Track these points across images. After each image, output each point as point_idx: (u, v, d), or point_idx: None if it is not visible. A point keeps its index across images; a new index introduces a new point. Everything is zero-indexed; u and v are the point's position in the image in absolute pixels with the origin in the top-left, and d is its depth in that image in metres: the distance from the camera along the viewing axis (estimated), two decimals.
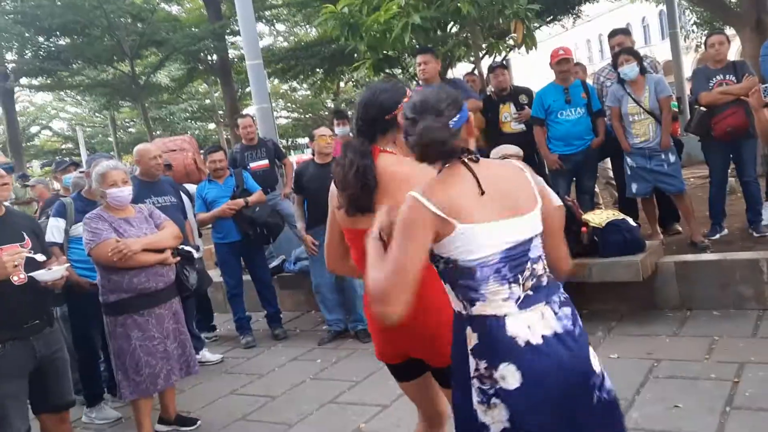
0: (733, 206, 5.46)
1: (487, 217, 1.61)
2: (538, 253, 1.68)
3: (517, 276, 1.64)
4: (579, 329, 1.68)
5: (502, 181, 1.68)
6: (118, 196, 3.63)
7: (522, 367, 1.59)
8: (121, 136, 28.10)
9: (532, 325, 1.62)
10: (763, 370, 3.41)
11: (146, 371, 3.62)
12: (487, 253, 1.61)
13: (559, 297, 1.70)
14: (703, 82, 5.15)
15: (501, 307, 1.63)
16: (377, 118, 2.05)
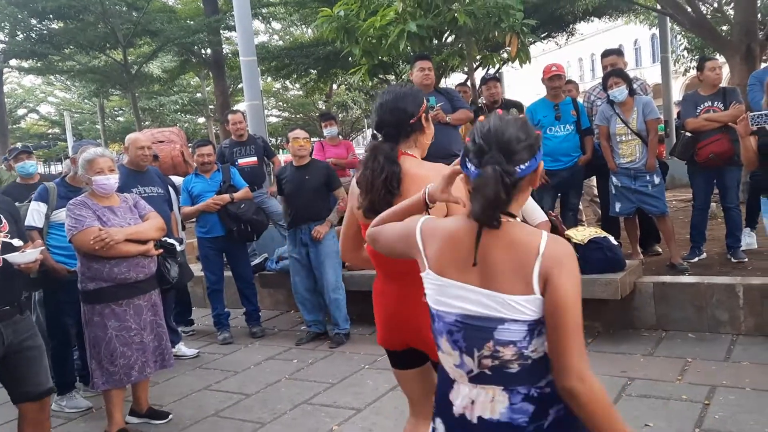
0: (713, 231, 5.54)
1: (461, 278, 1.51)
2: (510, 338, 1.46)
3: (471, 349, 1.50)
4: (537, 428, 1.48)
5: (498, 252, 1.49)
6: (104, 183, 3.60)
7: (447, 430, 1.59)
8: (109, 124, 27.88)
9: (477, 402, 1.52)
10: (733, 393, 3.46)
11: (121, 362, 3.59)
12: (444, 308, 1.55)
13: (530, 390, 1.49)
14: (691, 108, 5.23)
15: (452, 370, 1.58)
16: (401, 122, 2.11)
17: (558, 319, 1.43)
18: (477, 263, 1.48)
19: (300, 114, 27.98)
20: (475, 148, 1.50)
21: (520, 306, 1.45)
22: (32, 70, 18.18)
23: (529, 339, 1.46)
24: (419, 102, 2.14)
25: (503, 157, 1.46)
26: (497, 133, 1.48)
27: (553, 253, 1.45)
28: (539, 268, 1.44)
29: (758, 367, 3.78)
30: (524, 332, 1.46)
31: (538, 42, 13.66)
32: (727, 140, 4.97)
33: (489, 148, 1.47)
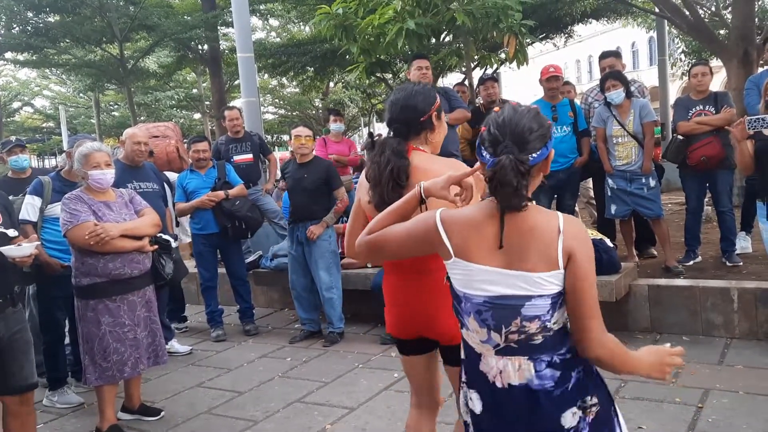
0: (708, 234, 5.55)
1: (487, 262, 1.62)
2: (536, 312, 1.59)
3: (500, 326, 1.62)
4: (562, 391, 1.62)
5: (522, 234, 1.60)
6: (100, 178, 3.58)
7: (483, 400, 1.71)
8: (105, 118, 27.74)
9: (504, 371, 1.65)
10: (727, 397, 3.47)
11: (114, 358, 3.57)
12: (472, 291, 1.65)
13: (553, 357, 1.63)
14: (683, 112, 5.25)
15: (478, 346, 1.70)
16: (412, 119, 2.19)
17: (580, 294, 1.58)
18: (503, 246, 1.59)
19: (296, 111, 27.92)
20: (490, 138, 1.61)
21: (545, 282, 1.58)
22: (27, 63, 18.06)
23: (552, 312, 1.59)
24: (431, 100, 2.21)
25: (516, 147, 1.57)
26: (511, 123, 1.59)
27: (572, 231, 1.59)
28: (562, 245, 1.57)
29: (752, 371, 3.79)
30: (548, 306, 1.59)
31: (536, 43, 13.67)
32: (719, 143, 4.99)
33: (503, 138, 1.58)
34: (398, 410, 3.71)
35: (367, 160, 2.21)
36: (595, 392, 1.68)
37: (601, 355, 1.60)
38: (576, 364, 1.65)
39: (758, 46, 7.86)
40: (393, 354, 4.76)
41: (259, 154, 6.87)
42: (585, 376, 1.66)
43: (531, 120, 1.61)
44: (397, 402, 3.84)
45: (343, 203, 5.21)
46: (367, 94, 20.82)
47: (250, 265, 6.12)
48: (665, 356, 1.67)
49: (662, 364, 1.67)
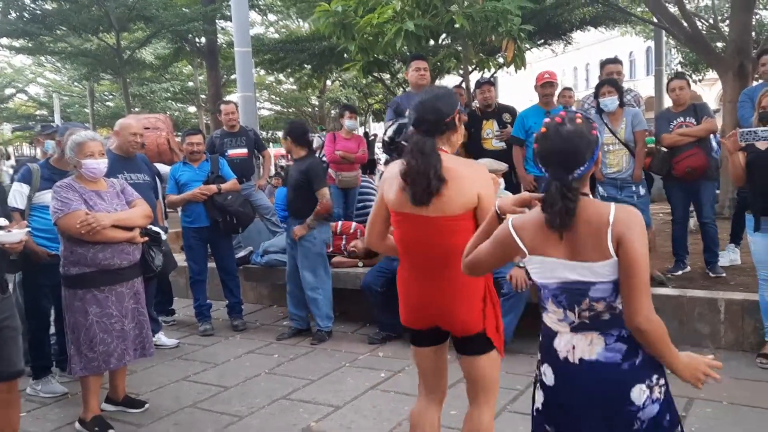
0: (698, 245, 5.58)
1: (555, 254, 1.83)
2: (602, 295, 1.79)
3: (573, 305, 1.84)
4: (630, 365, 1.78)
5: (580, 229, 1.79)
6: (94, 168, 3.56)
7: (556, 374, 1.90)
8: (99, 108, 27.57)
9: (577, 347, 1.84)
10: (710, 406, 3.49)
11: (100, 348, 3.55)
12: (548, 280, 1.88)
13: (621, 332, 1.80)
14: (664, 125, 5.30)
15: (555, 324, 1.91)
16: (437, 120, 2.32)
17: (630, 273, 1.73)
18: (563, 238, 1.80)
19: (292, 108, 27.86)
20: (541, 155, 1.85)
21: (603, 270, 1.77)
22: (23, 49, 17.91)
23: (615, 294, 1.79)
24: (455, 103, 2.36)
25: (563, 169, 1.79)
26: (557, 147, 1.80)
27: (622, 219, 1.75)
28: (611, 234, 1.74)
29: (736, 382, 3.81)
30: (610, 289, 1.79)
31: (534, 49, 13.70)
32: (703, 154, 5.05)
33: (551, 161, 1.81)
34: (384, 410, 3.71)
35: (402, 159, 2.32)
36: (662, 375, 1.82)
37: (648, 328, 1.73)
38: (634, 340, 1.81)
39: (754, 59, 7.91)
40: (380, 354, 4.76)
41: (254, 149, 6.85)
42: (650, 357, 1.79)
43: (575, 140, 1.79)
44: (384, 401, 3.84)
45: (323, 206, 5.01)
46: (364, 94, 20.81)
47: (241, 260, 6.11)
48: (703, 365, 1.80)
49: (698, 370, 1.79)
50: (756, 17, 11.37)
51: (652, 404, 1.79)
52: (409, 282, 2.45)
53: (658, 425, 1.82)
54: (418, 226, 2.35)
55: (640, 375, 1.79)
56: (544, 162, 1.84)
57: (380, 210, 2.49)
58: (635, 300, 1.73)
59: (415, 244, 2.38)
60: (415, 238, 2.38)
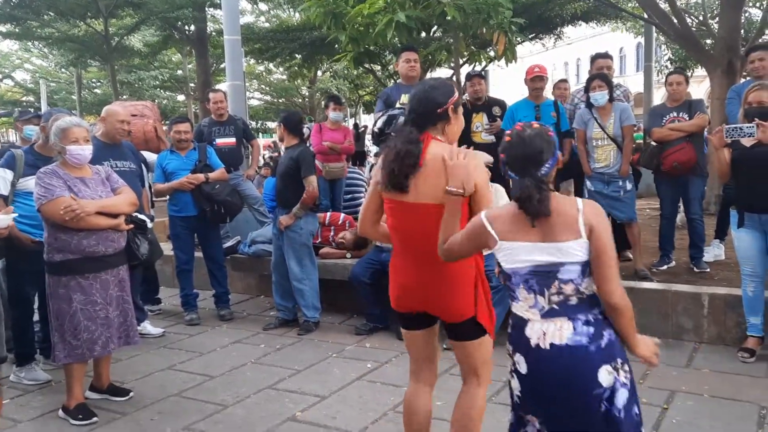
0: (683, 240, 5.62)
1: (528, 239, 2.00)
2: (569, 277, 1.97)
3: (543, 290, 2.00)
4: (596, 347, 1.94)
5: (552, 217, 1.98)
6: (79, 154, 3.53)
7: (528, 361, 2.02)
8: (86, 95, 27.31)
9: (547, 333, 1.98)
10: (691, 399, 3.54)
11: (84, 336, 3.53)
12: (520, 264, 2.02)
13: (587, 317, 1.98)
14: (657, 119, 5.33)
15: (526, 312, 2.04)
16: (430, 111, 2.37)
17: (602, 256, 1.94)
18: (535, 225, 1.98)
19: (282, 98, 27.73)
20: (510, 163, 2.04)
21: (573, 250, 1.96)
22: (9, 34, 17.69)
23: (582, 277, 1.98)
24: (449, 94, 2.39)
25: (532, 167, 1.99)
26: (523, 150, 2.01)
27: (590, 210, 1.98)
28: (583, 219, 1.96)
29: (717, 375, 3.86)
30: (578, 271, 1.97)
31: (526, 42, 13.73)
32: (691, 149, 5.07)
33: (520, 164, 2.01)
34: (370, 400, 3.72)
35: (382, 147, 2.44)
36: (626, 361, 2.00)
37: (623, 305, 1.95)
38: (607, 325, 2.00)
39: (742, 56, 7.96)
40: (367, 344, 4.77)
41: (242, 139, 6.81)
42: (616, 340, 1.99)
43: (537, 142, 2.00)
44: (369, 392, 3.85)
45: (309, 194, 4.99)
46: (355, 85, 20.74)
47: (228, 250, 6.09)
48: (653, 345, 2.06)
49: (653, 348, 2.04)
50: (745, 15, 11.43)
51: (621, 387, 1.96)
52: (401, 268, 2.50)
53: (628, 413, 1.97)
54: (410, 213, 2.39)
55: (606, 356, 1.95)
56: (514, 166, 2.03)
57: (374, 198, 2.53)
58: (612, 281, 1.93)
59: (407, 231, 2.43)
60: (407, 225, 2.43)
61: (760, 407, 3.39)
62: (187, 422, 3.52)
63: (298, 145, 5.11)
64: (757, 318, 4.08)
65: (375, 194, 2.52)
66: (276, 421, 3.50)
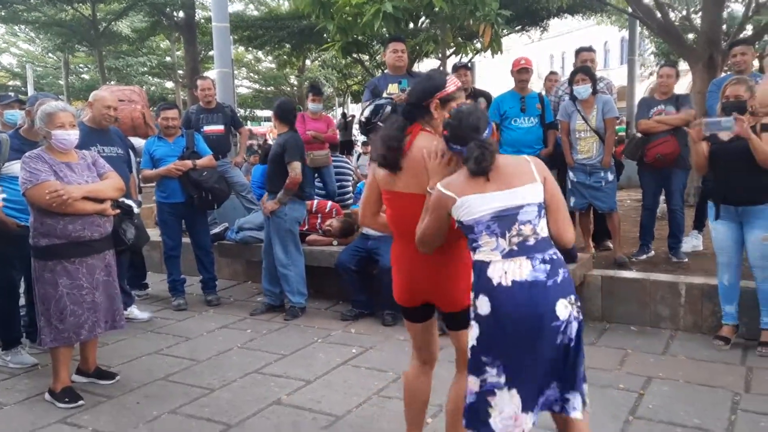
0: (663, 231, 5.72)
1: (482, 190, 2.19)
2: (527, 218, 2.18)
3: (504, 232, 2.17)
4: (553, 282, 2.14)
5: (503, 167, 2.22)
6: (64, 139, 3.53)
7: (491, 300, 2.16)
8: (73, 81, 26.99)
9: (508, 271, 2.14)
10: (667, 385, 3.63)
11: (71, 320, 3.56)
12: (480, 214, 2.19)
13: (543, 256, 2.17)
14: (644, 111, 5.41)
15: (488, 255, 2.20)
16: (418, 102, 2.47)
17: (554, 201, 2.24)
18: (490, 179, 2.20)
19: (271, 87, 27.61)
20: (454, 135, 2.27)
21: (529, 192, 2.19)
22: None
23: (538, 218, 2.19)
24: (436, 90, 2.45)
25: (475, 133, 2.24)
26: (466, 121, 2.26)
27: (538, 161, 2.29)
28: (535, 167, 2.24)
29: (692, 362, 3.96)
30: (536, 212, 2.19)
31: (512, 34, 13.77)
32: (675, 142, 5.16)
33: (465, 132, 2.25)
34: (355, 384, 3.79)
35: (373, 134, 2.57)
36: (578, 298, 2.20)
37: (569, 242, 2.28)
38: (561, 264, 2.20)
39: (724, 51, 8.07)
40: (352, 330, 4.84)
41: (231, 126, 6.83)
42: (570, 277, 2.21)
43: (475, 114, 2.28)
44: (354, 376, 3.92)
45: (291, 180, 5.01)
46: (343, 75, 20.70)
47: (216, 236, 6.12)
48: None
49: None
50: (727, 10, 11.54)
51: (574, 321, 2.17)
52: (402, 259, 2.58)
53: (578, 344, 2.20)
54: (402, 202, 2.48)
55: (562, 291, 2.15)
56: (459, 136, 2.25)
57: (372, 189, 2.61)
58: (560, 221, 2.24)
59: (404, 221, 2.50)
60: (404, 216, 2.50)
61: (734, 393, 3.49)
62: (173, 406, 3.57)
63: (287, 132, 5.16)
64: (732, 307, 4.19)
65: (374, 185, 2.59)
66: (261, 404, 3.55)
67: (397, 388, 3.71)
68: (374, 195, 2.62)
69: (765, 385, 3.60)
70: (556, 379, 2.20)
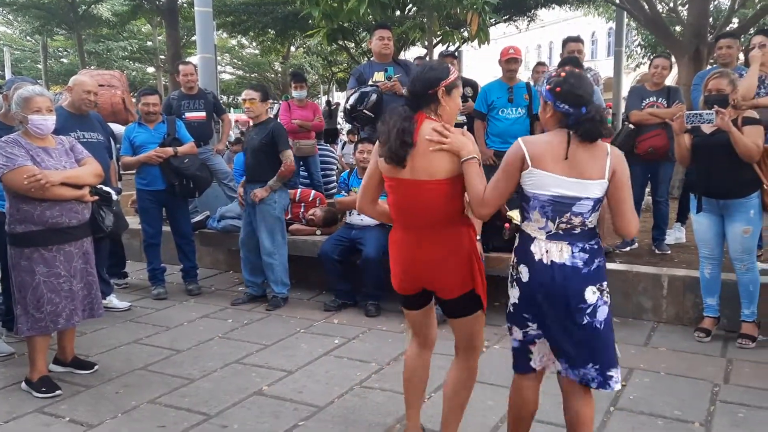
0: (647, 222, 5.75)
1: (554, 170, 2.25)
2: (581, 210, 2.27)
3: (555, 217, 2.28)
4: (587, 270, 2.28)
5: (582, 153, 2.25)
6: (41, 124, 3.45)
7: (530, 271, 2.34)
8: (52, 65, 26.58)
9: (549, 251, 2.30)
10: (648, 376, 3.65)
11: (48, 308, 3.49)
12: (542, 191, 2.28)
13: (584, 245, 2.30)
14: (637, 101, 5.39)
15: (535, 231, 2.34)
16: (422, 92, 2.47)
17: (620, 194, 2.29)
18: (568, 157, 2.24)
19: (254, 73, 27.37)
20: (568, 93, 2.26)
21: (594, 187, 2.26)
22: None
23: (591, 212, 2.30)
24: (442, 77, 2.46)
25: (587, 100, 2.26)
26: (584, 86, 2.27)
27: (616, 153, 2.30)
28: (610, 162, 2.26)
29: (674, 354, 3.99)
30: (591, 206, 2.28)
31: (500, 24, 13.74)
32: (665, 136, 5.16)
33: (582, 93, 2.26)
34: (336, 375, 3.76)
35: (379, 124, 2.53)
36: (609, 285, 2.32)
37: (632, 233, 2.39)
38: (599, 254, 2.33)
39: (710, 44, 8.10)
40: (335, 321, 4.81)
41: (213, 113, 6.73)
42: (604, 266, 2.33)
43: (587, 81, 2.29)
44: (336, 367, 3.89)
45: (287, 167, 5.04)
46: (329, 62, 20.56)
47: (197, 224, 6.04)
48: None
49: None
50: (714, 3, 11.61)
51: (602, 305, 2.31)
52: (401, 245, 2.60)
53: (606, 325, 2.33)
54: (408, 189, 2.49)
55: (593, 279, 2.29)
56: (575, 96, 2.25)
57: (373, 176, 2.63)
58: (627, 214, 2.31)
59: (407, 208, 2.53)
60: (407, 203, 2.52)
61: (713, 384, 3.52)
62: (153, 396, 3.52)
63: (269, 120, 5.10)
64: (713, 299, 4.22)
65: (376, 172, 2.61)
66: (242, 395, 3.51)
67: (380, 379, 3.69)
68: (374, 182, 2.64)
69: (744, 376, 3.63)
70: (592, 361, 2.34)
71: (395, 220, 2.63)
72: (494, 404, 3.20)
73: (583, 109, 2.24)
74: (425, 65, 2.57)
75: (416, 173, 2.45)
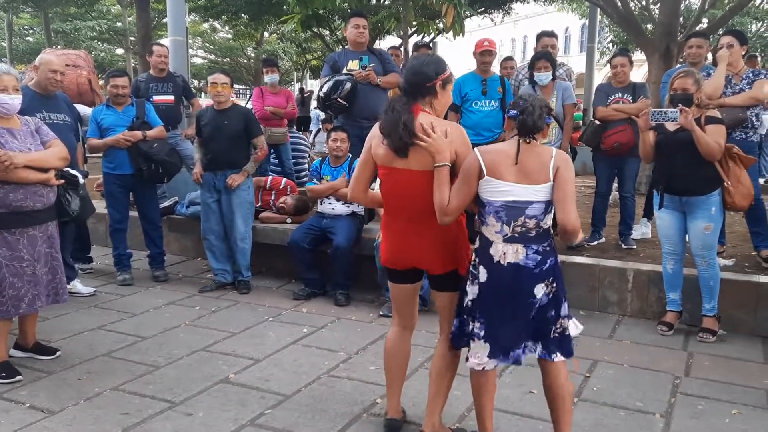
0: (614, 218, 5.84)
1: (506, 178, 2.43)
2: (534, 213, 2.43)
3: (509, 221, 2.45)
4: (539, 270, 2.46)
5: (531, 159, 2.43)
6: (7, 104, 3.36)
7: (488, 271, 2.52)
8: (17, 43, 25.79)
9: (506, 253, 2.47)
10: (612, 369, 3.72)
11: (10, 293, 3.41)
12: (495, 198, 2.45)
13: (538, 247, 2.47)
14: (602, 98, 5.47)
15: (492, 235, 2.50)
16: (420, 84, 2.57)
17: (564, 190, 2.41)
18: (518, 163, 2.42)
19: (227, 58, 26.97)
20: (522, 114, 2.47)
21: (542, 191, 2.42)
22: None
23: (544, 214, 2.46)
24: (439, 71, 2.58)
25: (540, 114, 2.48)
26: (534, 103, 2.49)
27: (561, 155, 2.46)
28: (553, 163, 2.42)
29: (637, 347, 4.07)
30: (543, 209, 2.44)
31: (475, 17, 13.77)
32: (631, 131, 5.24)
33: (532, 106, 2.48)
34: (304, 363, 3.75)
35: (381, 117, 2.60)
36: (557, 279, 2.52)
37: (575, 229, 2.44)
38: (551, 254, 2.51)
39: (680, 42, 8.24)
40: (304, 309, 4.79)
41: (182, 97, 6.62)
42: (554, 265, 2.52)
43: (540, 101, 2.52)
44: (304, 356, 3.88)
45: (263, 152, 5.19)
46: (303, 49, 20.37)
47: (165, 210, 5.95)
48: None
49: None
50: (684, 2, 11.80)
51: (545, 297, 2.51)
52: (394, 230, 2.74)
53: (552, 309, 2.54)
54: (403, 179, 2.61)
55: (543, 277, 2.49)
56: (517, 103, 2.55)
57: (366, 165, 2.73)
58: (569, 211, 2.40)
59: (400, 196, 2.65)
60: (400, 191, 2.64)
61: (674, 377, 3.60)
62: (117, 382, 3.46)
63: (234, 105, 5.13)
64: (675, 294, 4.31)
65: (369, 161, 2.71)
66: (208, 382, 3.48)
67: (347, 369, 3.70)
68: (367, 172, 2.75)
69: (704, 369, 3.72)
70: (534, 339, 2.56)
71: (387, 207, 2.76)
72: (460, 394, 3.23)
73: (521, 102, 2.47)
74: (419, 58, 2.66)
75: (409, 163, 2.56)
